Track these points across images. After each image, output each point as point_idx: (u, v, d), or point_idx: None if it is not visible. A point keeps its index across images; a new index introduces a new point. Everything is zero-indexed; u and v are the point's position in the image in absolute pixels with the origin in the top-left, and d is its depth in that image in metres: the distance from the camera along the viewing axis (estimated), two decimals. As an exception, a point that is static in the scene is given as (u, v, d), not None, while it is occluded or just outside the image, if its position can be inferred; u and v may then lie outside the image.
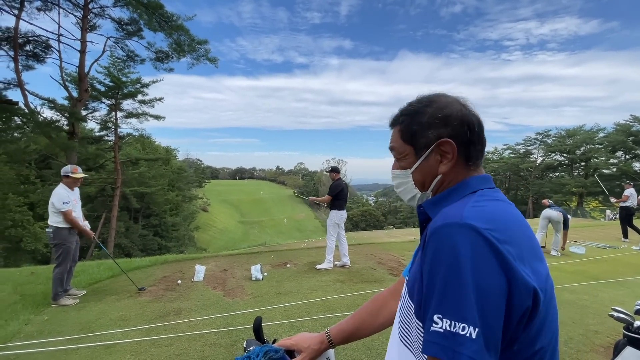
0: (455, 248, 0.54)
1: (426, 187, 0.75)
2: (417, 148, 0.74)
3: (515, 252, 0.54)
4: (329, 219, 5.64)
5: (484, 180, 0.71)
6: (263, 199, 76.05)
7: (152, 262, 5.90)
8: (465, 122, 0.70)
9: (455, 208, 0.62)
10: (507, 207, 0.64)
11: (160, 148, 36.08)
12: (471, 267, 0.52)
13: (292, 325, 3.33)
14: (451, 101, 0.73)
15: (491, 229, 0.55)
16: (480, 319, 0.50)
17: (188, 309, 3.75)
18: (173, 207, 33.28)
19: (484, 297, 0.51)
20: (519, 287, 0.52)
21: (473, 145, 0.71)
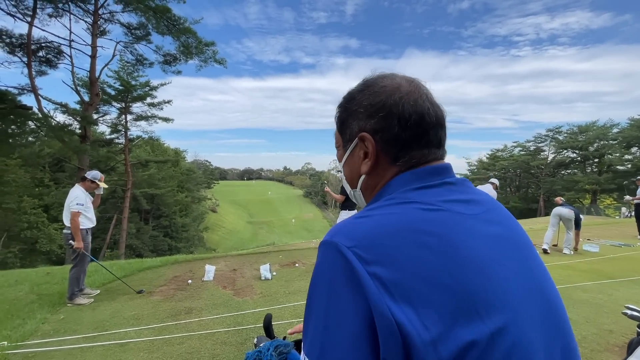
0: (317, 270, 0.48)
1: (354, 185, 0.65)
2: (344, 140, 0.64)
3: (392, 278, 0.41)
4: (339, 218, 5.65)
5: (415, 177, 0.56)
6: (271, 199, 76.45)
7: (163, 263, 6.00)
8: (396, 115, 0.55)
9: (343, 221, 0.52)
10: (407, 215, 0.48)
11: (169, 150, 36.59)
12: (327, 293, 0.44)
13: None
14: (388, 86, 0.58)
15: (358, 246, 0.44)
16: (322, 356, 0.42)
17: (199, 308, 3.80)
18: (182, 208, 33.73)
19: (332, 329, 0.42)
20: (380, 323, 0.39)
21: (402, 144, 0.56)
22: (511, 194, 42.84)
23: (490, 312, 0.41)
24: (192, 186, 40.10)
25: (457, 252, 0.44)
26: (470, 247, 0.45)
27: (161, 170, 27.04)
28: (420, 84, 0.60)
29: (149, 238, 26.73)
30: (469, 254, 0.45)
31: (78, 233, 3.99)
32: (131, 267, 5.63)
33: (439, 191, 0.53)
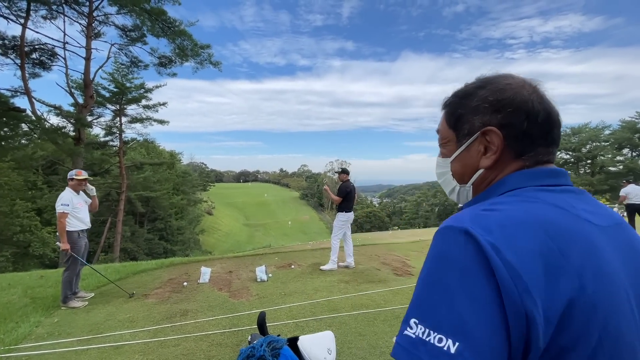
0: (442, 251, 0.48)
1: (465, 180, 0.65)
2: (459, 135, 0.64)
3: (524, 270, 0.42)
4: (336, 220, 5.67)
5: (533, 175, 0.57)
6: (267, 201, 76.26)
7: (159, 265, 5.97)
8: (524, 110, 0.56)
9: (464, 211, 0.53)
10: (539, 210, 0.49)
11: (164, 152, 36.39)
12: (459, 275, 0.45)
13: (297, 325, 3.36)
14: (513, 83, 0.59)
15: (492, 235, 0.45)
16: (462, 333, 0.41)
17: (194, 310, 3.80)
18: (178, 210, 33.52)
19: (469, 308, 0.42)
20: (511, 311, 0.41)
21: (529, 139, 0.57)
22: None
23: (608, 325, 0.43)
24: (188, 189, 39.88)
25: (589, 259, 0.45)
26: (603, 259, 0.46)
27: (156, 173, 26.87)
28: (539, 84, 0.61)
29: (144, 241, 26.52)
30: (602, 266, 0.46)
31: (63, 234, 3.94)
32: (126, 270, 5.60)
33: (563, 196, 0.54)
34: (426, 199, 55.32)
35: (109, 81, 17.78)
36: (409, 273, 5.35)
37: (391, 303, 3.95)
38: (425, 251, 3.11)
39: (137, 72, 17.97)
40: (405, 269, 5.62)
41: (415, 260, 6.28)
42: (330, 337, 0.96)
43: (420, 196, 60.68)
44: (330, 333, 1.24)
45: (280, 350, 0.88)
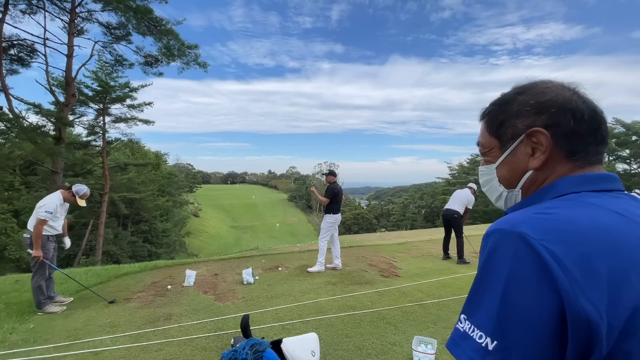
0: (495, 254, 0.49)
1: (513, 184, 0.64)
2: (503, 140, 0.64)
3: (584, 274, 0.42)
4: (324, 221, 5.67)
5: (585, 179, 0.56)
6: (255, 203, 75.61)
7: (142, 268, 5.83)
8: (569, 109, 0.57)
9: (516, 214, 0.53)
10: (598, 216, 0.49)
11: (149, 153, 35.67)
12: (506, 278, 0.46)
13: (284, 328, 3.33)
14: (552, 86, 0.60)
15: (547, 239, 0.45)
16: (501, 334, 0.45)
17: (178, 314, 3.72)
18: (163, 212, 32.84)
19: (512, 312, 0.45)
20: (572, 317, 0.41)
21: (579, 137, 0.57)
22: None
23: None
24: (174, 190, 39.14)
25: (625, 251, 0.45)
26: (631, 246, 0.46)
27: (141, 174, 26.24)
28: (578, 86, 0.61)
29: (128, 244, 25.83)
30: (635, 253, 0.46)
31: (39, 242, 3.80)
32: (107, 274, 5.44)
33: (619, 201, 0.53)
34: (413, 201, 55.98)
35: (92, 79, 17.28)
36: (396, 274, 5.40)
37: (378, 304, 3.97)
38: (412, 252, 3.19)
39: (121, 70, 17.54)
40: (392, 270, 5.66)
41: (402, 261, 6.34)
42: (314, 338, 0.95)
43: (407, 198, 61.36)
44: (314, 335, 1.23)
45: (263, 353, 0.87)
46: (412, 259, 6.64)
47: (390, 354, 2.83)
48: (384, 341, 3.05)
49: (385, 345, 2.96)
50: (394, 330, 3.28)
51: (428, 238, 9.45)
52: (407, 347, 2.88)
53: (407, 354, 2.79)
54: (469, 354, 0.48)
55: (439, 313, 3.73)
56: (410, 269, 5.80)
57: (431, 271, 5.63)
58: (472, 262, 6.29)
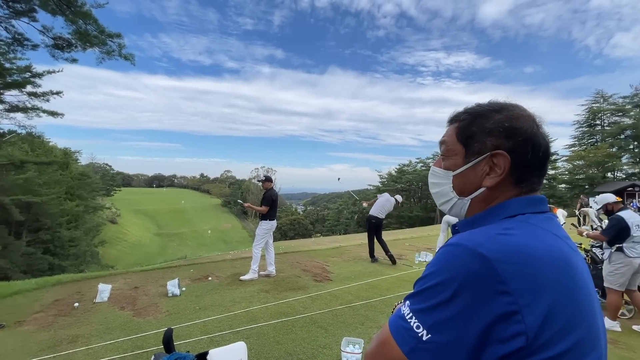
0: (453, 264, 0.54)
1: (465, 194, 0.69)
2: (469, 152, 0.68)
3: (527, 298, 0.49)
4: (259, 228, 5.58)
5: (529, 202, 0.63)
6: (184, 208, 70.42)
7: (40, 285, 4.99)
8: (531, 142, 0.63)
9: (478, 233, 0.58)
10: (545, 239, 0.56)
11: (55, 150, 30.81)
12: (457, 286, 0.51)
13: (212, 340, 3.18)
14: (525, 116, 0.65)
15: (504, 260, 0.51)
16: (438, 330, 0.51)
17: (87, 335, 3.28)
18: (71, 219, 28.51)
19: (453, 315, 0.51)
20: (500, 329, 0.49)
21: (529, 169, 0.64)
22: (415, 204, 48.31)
23: (593, 350, 0.53)
24: (86, 193, 34.33)
25: (569, 274, 0.54)
26: (587, 285, 0.57)
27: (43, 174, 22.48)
28: (542, 122, 0.67)
29: (21, 256, 21.73)
30: (587, 291, 0.56)
31: None
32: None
33: (550, 222, 0.61)
34: (347, 207, 58.31)
35: (-22, 58, 14.34)
36: (328, 278, 5.57)
37: (310, 309, 4.05)
38: (344, 256, 3.35)
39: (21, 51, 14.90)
40: (325, 274, 5.82)
41: (334, 265, 6.57)
42: (242, 348, 0.94)
43: (341, 204, 63.68)
44: (242, 344, 1.21)
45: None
46: (343, 262, 6.92)
47: (320, 357, 2.91)
48: (314, 345, 3.12)
49: (316, 349, 3.04)
50: (325, 333, 3.39)
51: (359, 242, 9.94)
52: (337, 349, 3.00)
53: (337, 356, 2.90)
54: (404, 336, 0.55)
55: (366, 314, 3.96)
56: (341, 272, 6.04)
57: (361, 274, 5.94)
58: (381, 260, 6.79)
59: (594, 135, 43.36)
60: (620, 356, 3.14)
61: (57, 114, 17.22)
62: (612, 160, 37.51)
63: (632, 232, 3.68)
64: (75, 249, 27.14)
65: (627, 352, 3.23)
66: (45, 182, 22.43)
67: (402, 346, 0.55)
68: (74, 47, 14.11)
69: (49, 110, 16.92)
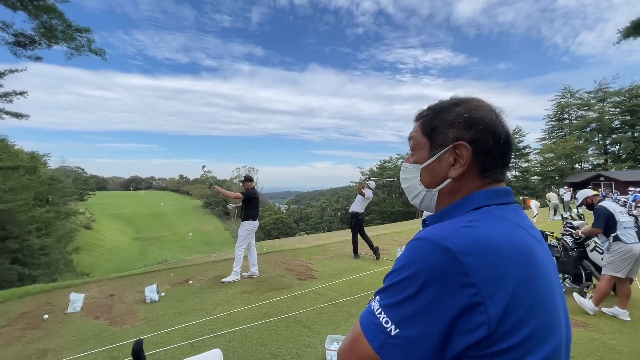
0: (419, 259, 0.54)
1: (432, 187, 0.71)
2: (433, 145, 0.70)
3: (490, 289, 0.50)
4: (241, 229, 5.48)
5: (494, 194, 0.65)
6: (164, 211, 68.48)
7: (5, 298, 4.69)
8: (491, 131, 0.65)
9: (443, 226, 0.58)
10: (509, 230, 0.58)
11: (21, 153, 29.17)
12: (423, 280, 0.52)
13: (193, 346, 3.09)
14: (483, 106, 0.68)
15: (466, 253, 0.51)
16: (406, 325, 0.52)
17: (57, 348, 3.11)
18: (42, 226, 27.09)
19: (420, 309, 0.51)
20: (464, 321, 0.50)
21: (492, 157, 0.65)
22: (396, 199, 49.07)
23: (552, 336, 0.54)
24: (57, 199, 32.71)
25: (531, 262, 0.55)
26: (549, 273, 0.58)
27: (8, 179, 21.20)
28: (501, 111, 0.69)
29: (-13, 267, 20.47)
30: (540, 265, 0.56)
31: None
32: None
33: (516, 214, 0.63)
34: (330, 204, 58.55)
35: None
36: (312, 277, 5.54)
37: (294, 308, 4.01)
38: (328, 254, 3.32)
39: (-22, 49, 13.95)
40: (309, 273, 5.80)
41: (318, 263, 6.55)
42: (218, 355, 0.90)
43: (324, 202, 63.87)
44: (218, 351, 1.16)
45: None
46: (327, 260, 6.92)
47: (305, 356, 2.88)
48: (298, 344, 3.09)
49: (300, 349, 3.01)
50: (309, 332, 3.36)
51: (343, 239, 9.98)
52: (321, 347, 2.98)
53: (321, 354, 2.88)
54: (374, 332, 0.55)
55: (350, 310, 3.97)
56: (325, 270, 6.03)
57: (344, 270, 5.95)
58: (364, 256, 6.86)
59: (563, 128, 45.56)
60: (591, 338, 3.30)
61: (22, 116, 16.27)
62: (579, 152, 39.56)
63: (617, 218, 3.81)
64: (47, 258, 25.80)
65: (597, 334, 3.40)
66: (11, 187, 21.17)
67: (372, 342, 0.54)
68: (37, 44, 13.35)
69: (13, 111, 15.95)
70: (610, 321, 3.75)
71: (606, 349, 3.09)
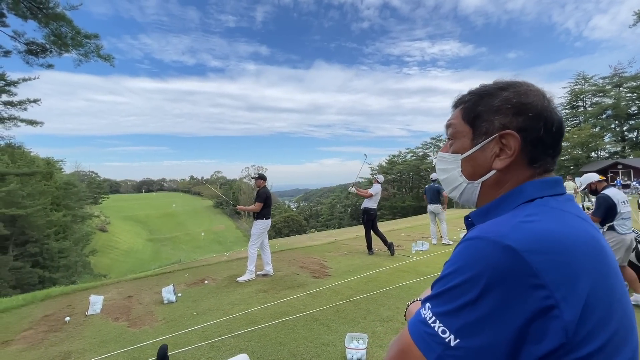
0: (477, 260, 0.48)
1: (475, 178, 0.65)
2: (476, 133, 0.63)
3: (562, 288, 0.44)
4: (255, 227, 5.47)
5: (547, 185, 0.59)
6: (176, 212, 69.51)
7: (28, 301, 4.80)
8: (543, 117, 0.58)
9: (499, 223, 0.52)
10: (572, 223, 0.52)
11: (38, 160, 29.96)
12: (485, 284, 0.46)
13: (212, 346, 3.09)
14: (533, 90, 0.61)
15: (531, 251, 0.46)
16: (467, 334, 0.46)
17: (80, 350, 3.15)
18: (60, 229, 27.86)
19: (483, 316, 0.46)
20: (538, 325, 0.44)
21: (543, 146, 0.59)
22: (406, 194, 48.67)
23: (631, 337, 0.49)
24: (73, 203, 33.54)
25: (601, 257, 0.50)
26: (603, 252, 0.52)
27: (26, 185, 21.82)
28: (552, 96, 0.62)
29: (9, 271, 21.12)
30: (608, 259, 0.51)
31: None
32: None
33: (571, 204, 0.58)
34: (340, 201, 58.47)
35: (-53, 69, 13.69)
36: (327, 274, 5.51)
37: (310, 307, 3.99)
38: (341, 251, 3.25)
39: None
40: (323, 270, 5.77)
41: (332, 260, 6.52)
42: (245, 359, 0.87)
43: (334, 198, 63.83)
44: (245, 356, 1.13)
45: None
46: (341, 257, 6.87)
47: (325, 355, 2.85)
48: (317, 343, 3.06)
49: (319, 347, 2.98)
50: (327, 330, 3.33)
51: (354, 235, 9.92)
52: (341, 345, 2.95)
53: (341, 353, 2.84)
54: (429, 343, 0.49)
55: (368, 307, 3.92)
56: (339, 267, 5.99)
57: (359, 267, 5.90)
58: (378, 252, 6.78)
59: (577, 116, 44.31)
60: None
61: (37, 123, 16.67)
62: (595, 140, 38.41)
63: (619, 209, 3.73)
64: (66, 260, 26.54)
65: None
66: (29, 193, 21.78)
67: (428, 354, 0.49)
68: (48, 52, 13.61)
69: (28, 119, 16.35)
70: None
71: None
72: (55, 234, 26.78)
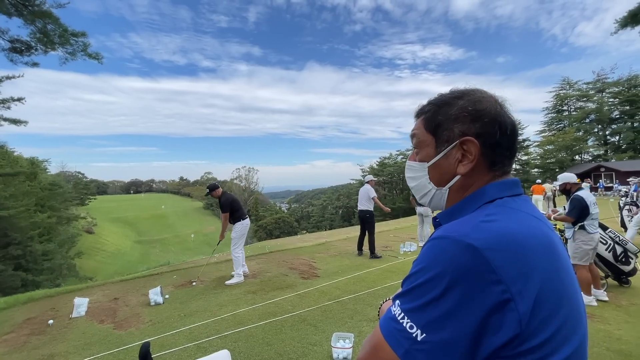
0: (441, 258, 0.52)
1: (442, 184, 0.68)
2: (439, 141, 0.67)
3: (518, 285, 0.48)
4: (234, 231, 5.49)
5: (505, 186, 0.63)
6: (165, 213, 68.50)
7: (10, 304, 4.70)
8: (497, 122, 0.63)
9: (462, 223, 0.56)
10: (528, 222, 0.56)
11: (21, 160, 29.18)
12: (448, 281, 0.49)
13: (199, 347, 3.09)
14: (486, 97, 0.65)
15: (491, 249, 0.49)
16: (433, 329, 0.49)
17: (64, 353, 3.11)
18: (44, 231, 27.12)
19: (446, 311, 0.49)
20: (494, 320, 0.47)
21: (501, 149, 0.64)
22: (397, 195, 49.06)
23: (579, 328, 0.54)
24: (58, 204, 32.73)
25: (552, 255, 0.54)
26: (554, 250, 0.55)
27: (9, 186, 21.22)
28: (504, 100, 0.67)
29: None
30: (559, 256, 0.55)
31: None
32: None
33: (527, 204, 0.61)
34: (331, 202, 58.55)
35: None
36: (316, 275, 5.54)
37: (298, 307, 4.01)
38: (330, 252, 3.30)
39: (-25, 57, 13.91)
40: (312, 271, 5.79)
41: (321, 261, 6.55)
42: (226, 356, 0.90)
43: (325, 200, 63.86)
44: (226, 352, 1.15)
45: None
46: (330, 258, 6.91)
47: (311, 354, 2.88)
48: (304, 343, 3.09)
49: (306, 347, 3.01)
50: (314, 330, 3.36)
51: (345, 236, 9.98)
52: (327, 345, 2.98)
53: (327, 352, 2.88)
54: (398, 338, 0.52)
55: (355, 307, 3.96)
56: (328, 268, 6.03)
57: (347, 268, 5.95)
58: (383, 256, 6.86)
59: (562, 120, 45.42)
60: (597, 329, 3.29)
61: (21, 122, 16.28)
62: (579, 143, 39.47)
63: (590, 210, 3.92)
64: (50, 263, 25.81)
65: (603, 325, 3.39)
66: (12, 194, 21.18)
67: (397, 349, 0.52)
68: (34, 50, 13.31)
69: (11, 118, 15.97)
70: (615, 312, 3.75)
71: (612, 339, 3.09)
72: (39, 235, 26.06)
